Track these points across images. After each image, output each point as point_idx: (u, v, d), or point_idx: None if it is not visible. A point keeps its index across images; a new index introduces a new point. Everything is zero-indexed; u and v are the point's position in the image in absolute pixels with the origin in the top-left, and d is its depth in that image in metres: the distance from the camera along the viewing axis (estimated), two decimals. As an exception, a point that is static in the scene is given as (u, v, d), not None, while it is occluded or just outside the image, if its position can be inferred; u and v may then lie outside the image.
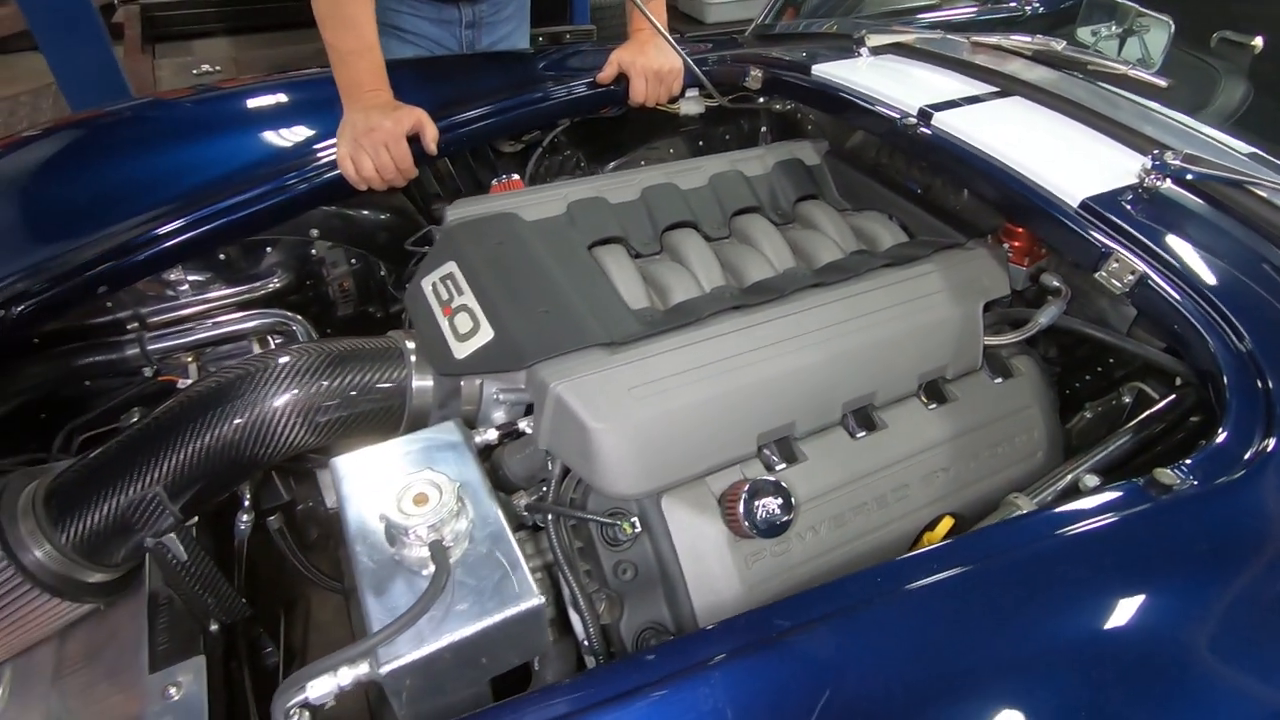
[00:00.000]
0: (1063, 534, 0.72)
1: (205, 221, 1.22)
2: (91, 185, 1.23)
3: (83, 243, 1.15)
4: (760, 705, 0.61)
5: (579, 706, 0.60)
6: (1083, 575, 0.69)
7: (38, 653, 0.96)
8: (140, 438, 0.89)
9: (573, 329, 0.93)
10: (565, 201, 1.19)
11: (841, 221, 1.26)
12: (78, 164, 1.26)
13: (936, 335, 1.04)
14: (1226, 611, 0.67)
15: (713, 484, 0.90)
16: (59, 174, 1.25)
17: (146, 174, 1.28)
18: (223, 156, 1.34)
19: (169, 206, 1.21)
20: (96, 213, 1.19)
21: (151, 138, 1.39)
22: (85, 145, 1.32)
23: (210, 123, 1.45)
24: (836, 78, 1.32)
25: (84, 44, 2.81)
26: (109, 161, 1.27)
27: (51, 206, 1.20)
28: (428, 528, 0.75)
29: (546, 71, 1.68)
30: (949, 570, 0.69)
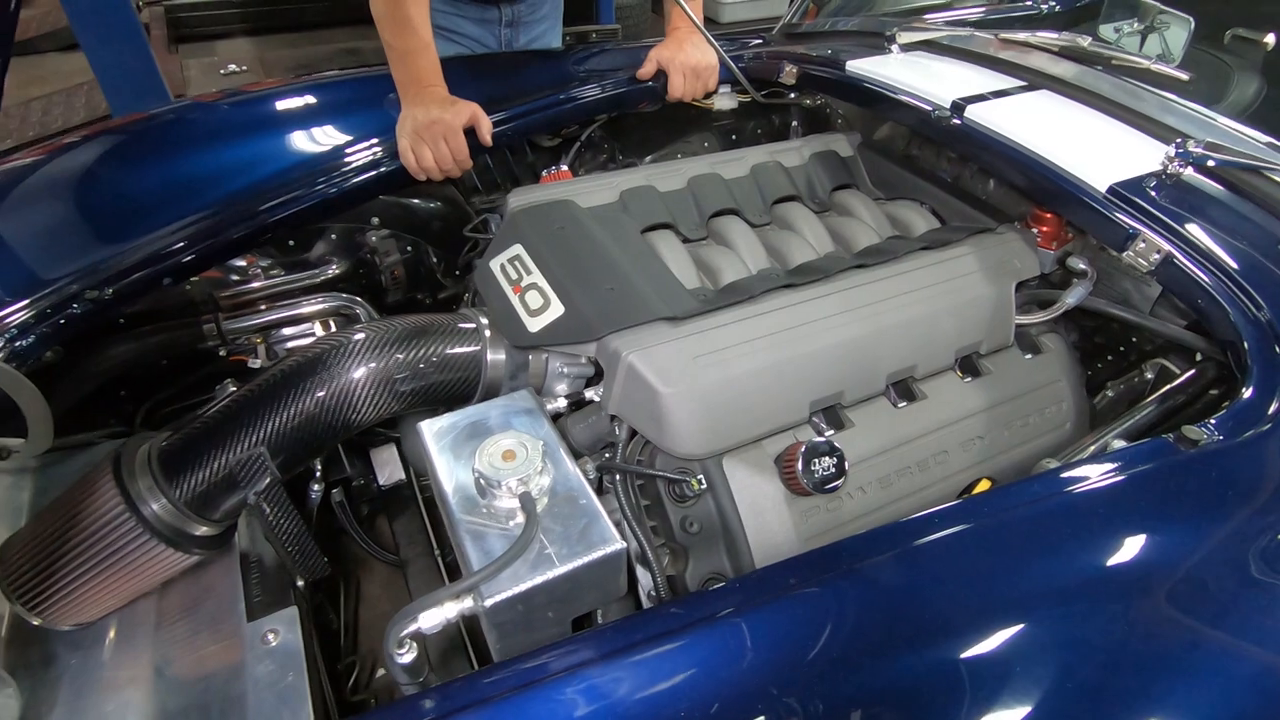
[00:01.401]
0: (1093, 485, 0.79)
1: (275, 210, 1.30)
2: (165, 179, 1.32)
3: (163, 232, 1.22)
4: (813, 632, 0.67)
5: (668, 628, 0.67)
6: (1114, 520, 0.76)
7: (139, 606, 1.04)
8: (243, 405, 0.97)
9: (637, 304, 1.00)
10: (617, 190, 1.27)
11: (876, 209, 1.33)
12: (151, 159, 1.35)
13: (971, 313, 1.11)
14: (1260, 549, 0.73)
15: (769, 447, 0.97)
16: (136, 168, 1.34)
17: (217, 168, 1.36)
18: (286, 152, 1.42)
19: (238, 198, 1.29)
20: (172, 205, 1.27)
21: (216, 135, 1.47)
22: (156, 142, 1.40)
23: (269, 121, 1.53)
24: (870, 73, 1.40)
25: (123, 44, 2.90)
26: (181, 157, 1.36)
27: (133, 198, 1.28)
28: (518, 480, 0.83)
29: (584, 69, 1.76)
30: (987, 517, 0.76)
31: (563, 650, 0.67)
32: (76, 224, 1.24)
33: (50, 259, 1.18)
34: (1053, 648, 0.67)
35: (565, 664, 0.65)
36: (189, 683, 0.95)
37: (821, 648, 0.65)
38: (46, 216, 1.23)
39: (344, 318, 1.42)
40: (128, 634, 1.02)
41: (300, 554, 1.05)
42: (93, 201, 1.27)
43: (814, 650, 0.65)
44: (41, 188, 1.28)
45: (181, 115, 1.47)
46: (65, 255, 1.18)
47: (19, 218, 1.25)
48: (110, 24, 2.85)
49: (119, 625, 1.03)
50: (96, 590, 0.92)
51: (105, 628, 1.02)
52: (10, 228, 1.23)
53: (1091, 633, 0.69)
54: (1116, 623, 0.68)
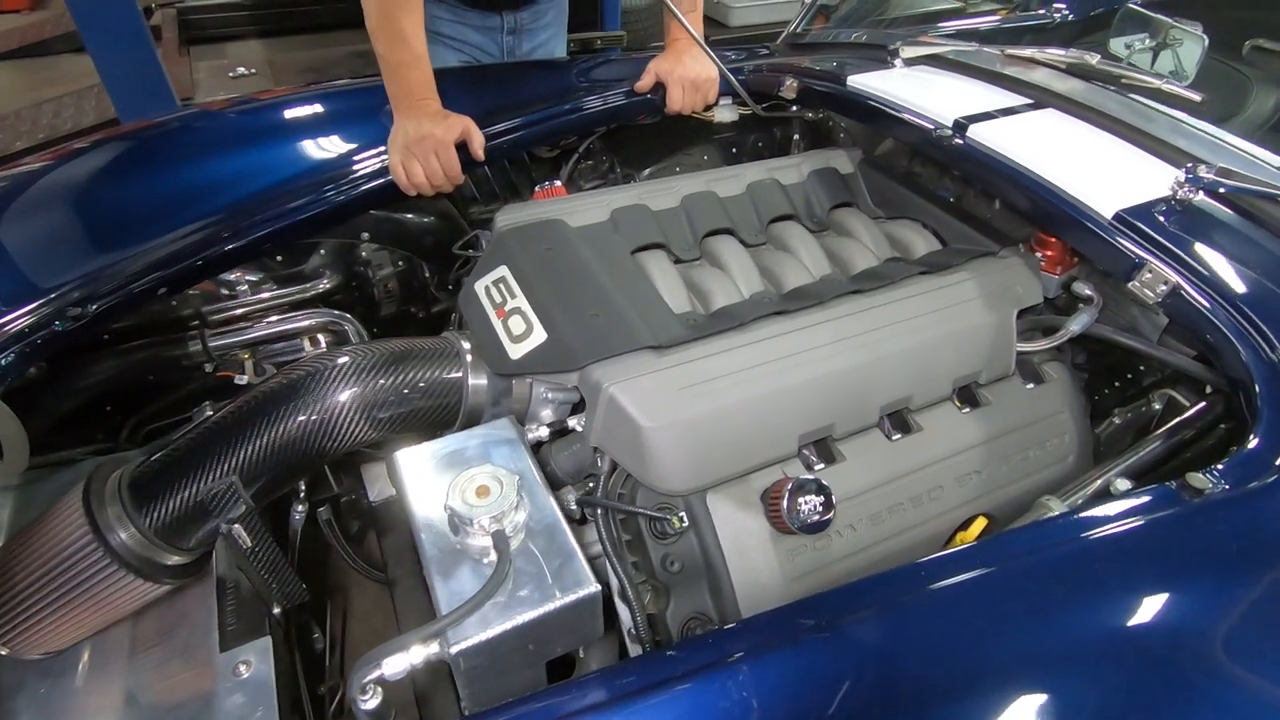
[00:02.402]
0: (1096, 535, 0.75)
1: (264, 225, 1.28)
2: (156, 191, 1.30)
3: (152, 246, 1.21)
4: (806, 692, 0.64)
5: (635, 688, 0.65)
6: (1115, 574, 0.72)
7: (114, 632, 1.02)
8: (216, 431, 0.95)
9: (622, 332, 0.97)
10: (609, 208, 1.24)
11: (876, 229, 1.29)
12: (144, 171, 1.33)
13: (971, 341, 1.07)
14: (1257, 612, 0.70)
15: (755, 482, 0.94)
16: (127, 180, 1.32)
17: (210, 180, 1.34)
18: (279, 164, 1.40)
19: (229, 212, 1.27)
20: (163, 218, 1.26)
21: (212, 146, 1.45)
22: (151, 153, 1.39)
23: (264, 132, 1.52)
24: (872, 88, 1.36)
25: (129, 48, 2.91)
26: (174, 169, 1.34)
27: (122, 210, 1.27)
28: (490, 518, 0.80)
29: (584, 80, 1.73)
30: (985, 568, 0.73)
31: (538, 705, 0.64)
32: (60, 239, 1.22)
33: (33, 275, 1.17)
34: (1050, 716, 0.63)
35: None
36: (158, 714, 0.93)
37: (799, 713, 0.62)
38: (29, 230, 1.22)
39: (331, 334, 1.40)
40: (101, 661, 1.01)
41: (278, 582, 1.03)
42: (77, 216, 1.26)
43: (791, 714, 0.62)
44: (26, 201, 1.27)
45: (169, 127, 1.46)
46: (47, 271, 1.17)
47: (4, 231, 1.23)
48: (116, 27, 2.85)
49: (92, 651, 1.01)
50: (64, 620, 0.90)
51: (78, 654, 1.00)
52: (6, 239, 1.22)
53: (1089, 698, 0.65)
54: (1116, 691, 0.65)
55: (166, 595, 1.03)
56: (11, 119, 3.92)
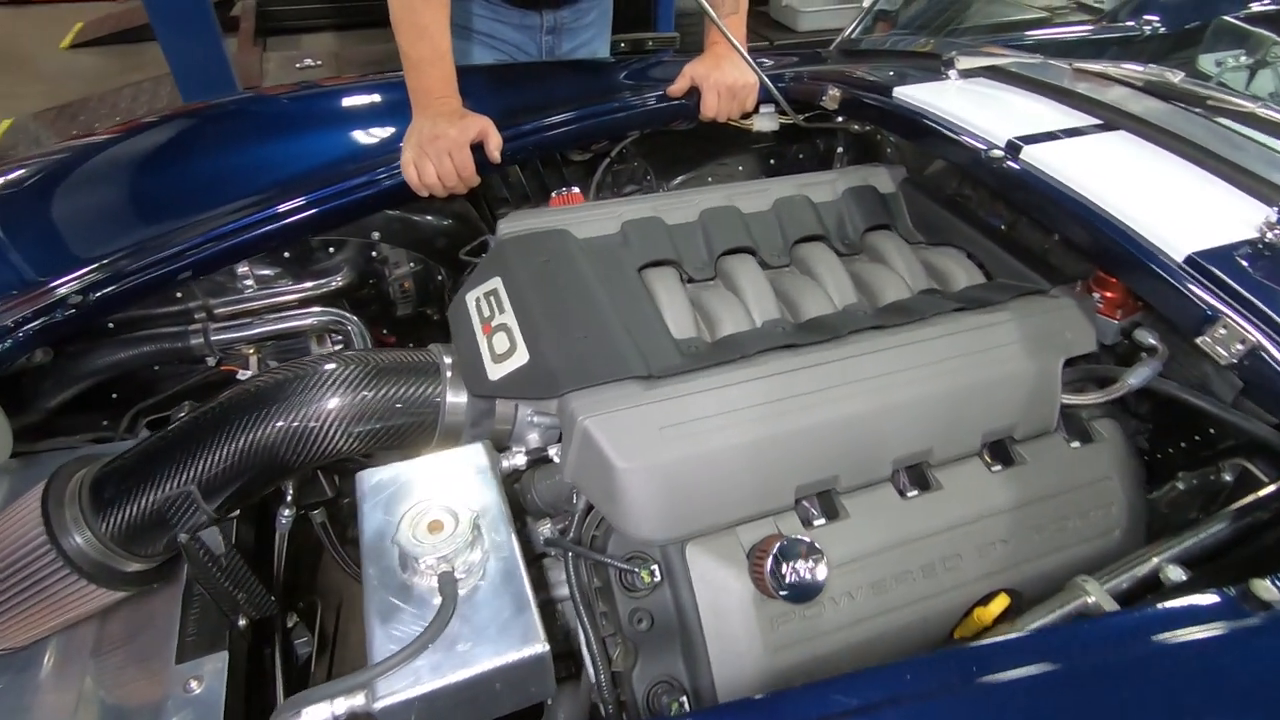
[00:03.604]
0: (1138, 646, 0.63)
1: (274, 220, 1.25)
2: (164, 181, 1.29)
3: (151, 236, 1.19)
4: None
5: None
6: (1159, 700, 0.60)
7: (81, 630, 1.00)
8: (182, 435, 0.91)
9: (610, 358, 0.89)
10: (620, 220, 1.16)
11: (912, 256, 1.17)
12: (155, 161, 1.32)
13: (1006, 390, 0.95)
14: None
15: (743, 535, 0.85)
16: (139, 168, 1.32)
17: (223, 171, 1.33)
18: (298, 156, 1.38)
19: (242, 203, 1.25)
20: (172, 207, 1.25)
21: (232, 136, 1.44)
22: (169, 143, 1.38)
23: (294, 122, 1.50)
24: (919, 101, 1.24)
25: (197, 37, 2.99)
26: (184, 159, 1.33)
27: (133, 198, 1.26)
28: (438, 558, 0.73)
29: (620, 82, 1.66)
30: (1004, 672, 0.62)
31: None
32: (65, 225, 1.22)
33: (37, 261, 1.17)
34: None
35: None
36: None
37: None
38: (37, 216, 1.22)
39: (335, 334, 1.36)
40: (64, 659, 0.98)
41: (245, 592, 0.99)
42: (84, 204, 1.26)
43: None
44: (34, 189, 1.27)
45: (187, 117, 1.45)
46: (51, 258, 1.17)
47: (19, 216, 1.24)
48: (184, 15, 2.94)
49: (57, 648, 0.99)
50: (18, 620, 0.88)
51: (42, 650, 0.98)
52: (10, 225, 1.23)
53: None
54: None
55: (138, 594, 1.00)
56: (94, 102, 4.11)
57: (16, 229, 1.22)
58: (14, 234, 1.21)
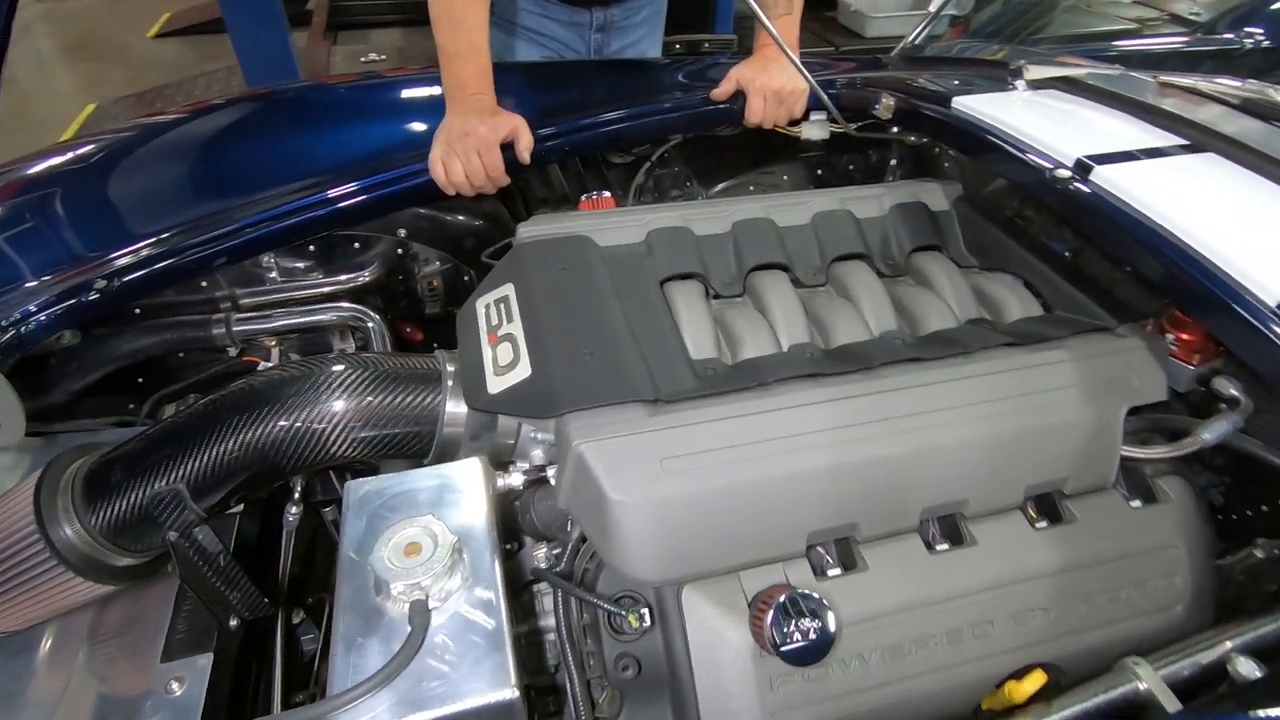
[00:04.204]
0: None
1: (302, 211, 1.23)
2: (192, 169, 1.30)
3: (174, 226, 1.19)
4: None
5: None
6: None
7: (78, 616, 0.99)
8: (176, 431, 0.89)
9: (616, 379, 0.83)
10: (646, 229, 1.10)
11: (962, 281, 1.08)
12: (185, 148, 1.33)
13: (1059, 439, 0.85)
14: None
15: (747, 580, 0.77)
16: (168, 155, 1.32)
17: (252, 161, 1.33)
18: (333, 148, 1.37)
19: (268, 193, 1.24)
20: (201, 195, 1.25)
21: (269, 125, 1.44)
22: (200, 129, 1.38)
23: (337, 112, 1.49)
24: (979, 113, 1.13)
25: (264, 29, 3.06)
26: (216, 147, 1.33)
27: (160, 185, 1.27)
28: (410, 584, 0.69)
29: (666, 84, 1.60)
30: None
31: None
32: (97, 211, 1.23)
33: (66, 245, 1.18)
34: None
35: None
36: (89, 714, 0.89)
37: None
38: (72, 201, 1.24)
39: (352, 330, 1.34)
40: (59, 645, 0.98)
41: (238, 592, 0.97)
42: (116, 191, 1.26)
43: None
44: (84, 170, 1.29)
45: (228, 106, 1.45)
46: (79, 241, 1.17)
47: (64, 195, 1.26)
48: (254, 7, 3.01)
49: (54, 634, 0.98)
50: (8, 606, 0.87)
51: (39, 635, 0.98)
52: (46, 210, 1.24)
53: None
54: None
55: (137, 585, 0.99)
56: (171, 89, 4.28)
57: (62, 207, 1.24)
58: (55, 213, 1.22)
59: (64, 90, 5.04)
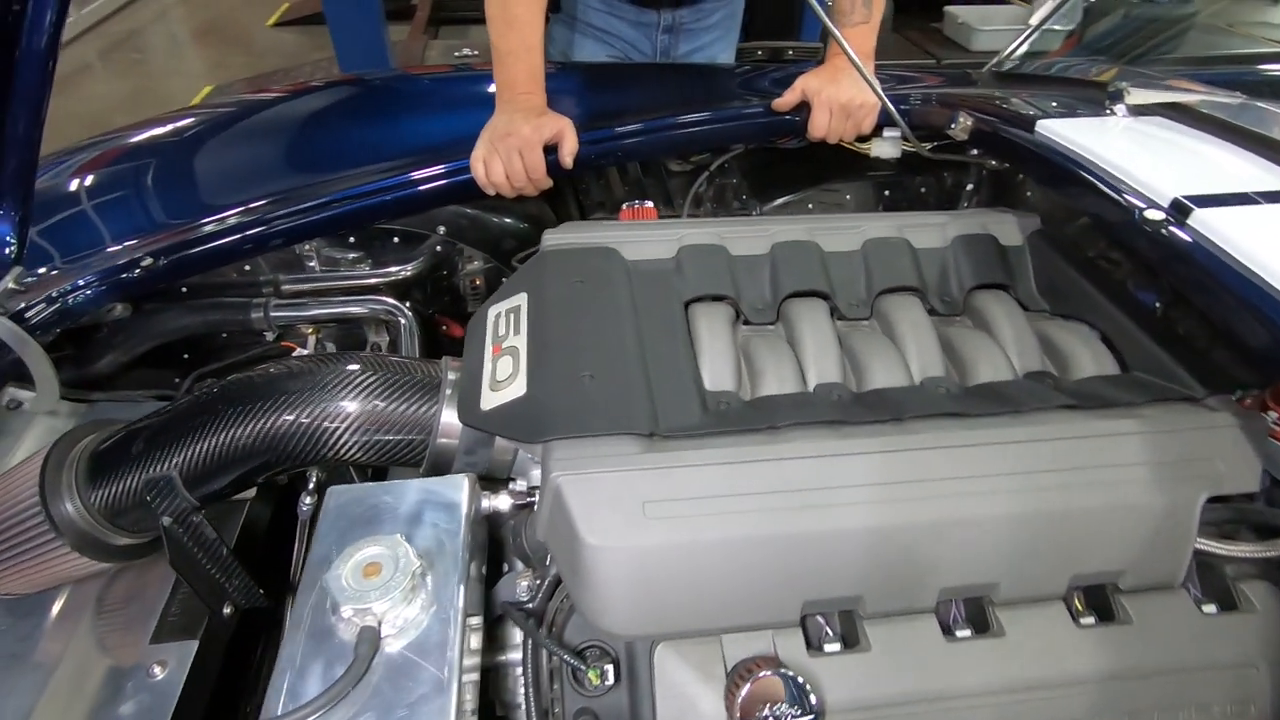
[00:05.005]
0: None
1: (342, 203, 1.24)
2: (248, 155, 1.31)
3: (227, 205, 1.21)
4: None
5: None
6: None
7: (89, 584, 1.02)
8: (177, 418, 0.89)
9: (612, 406, 0.77)
10: (678, 244, 1.03)
11: (1026, 328, 0.95)
12: (243, 136, 1.35)
13: (1117, 524, 0.73)
14: None
15: (729, 645, 0.70)
16: (228, 141, 1.35)
17: (307, 150, 1.34)
18: (383, 141, 1.37)
19: (315, 183, 1.25)
20: (245, 181, 1.27)
21: (331, 116, 1.46)
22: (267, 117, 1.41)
23: (398, 104, 1.50)
24: (1065, 139, 1.01)
25: (362, 21, 3.16)
26: (270, 136, 1.35)
27: (216, 168, 1.30)
28: (360, 609, 0.65)
29: (730, 91, 1.53)
30: None
31: None
32: (157, 190, 1.27)
33: (123, 221, 1.22)
34: None
35: None
36: (73, 688, 0.90)
37: None
38: (128, 180, 1.28)
39: (384, 323, 1.34)
40: (66, 613, 1.00)
41: (235, 581, 0.97)
42: (179, 170, 1.30)
43: None
44: (137, 153, 1.34)
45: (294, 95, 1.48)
46: (136, 221, 1.21)
47: (110, 178, 1.31)
48: (354, 1, 3.11)
49: (63, 600, 1.01)
50: (13, 572, 0.90)
51: (50, 599, 1.00)
52: (105, 185, 1.30)
53: None
54: None
55: (144, 560, 1.01)
56: (278, 75, 4.52)
57: (119, 186, 1.29)
58: (110, 188, 1.27)
59: (189, 72, 5.42)
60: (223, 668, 0.96)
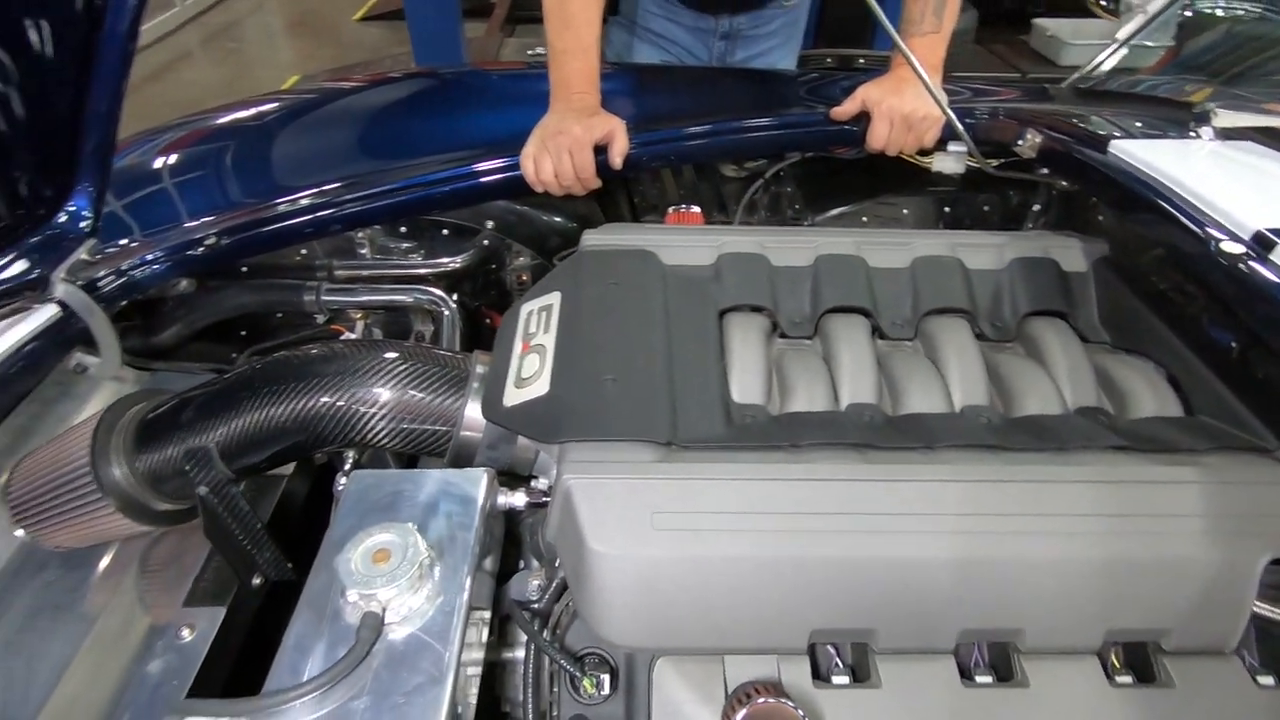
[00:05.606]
0: None
1: (395, 193, 1.27)
2: (310, 143, 1.36)
3: (287, 190, 1.26)
4: None
5: None
6: None
7: (136, 542, 1.07)
8: (218, 393, 0.93)
9: (631, 412, 0.76)
10: (718, 251, 1.01)
11: (1083, 360, 0.90)
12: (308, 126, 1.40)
13: (1164, 579, 0.68)
14: None
15: (732, 666, 0.68)
16: (295, 130, 1.40)
17: (366, 140, 1.38)
18: (441, 134, 1.40)
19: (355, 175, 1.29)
20: (302, 169, 1.31)
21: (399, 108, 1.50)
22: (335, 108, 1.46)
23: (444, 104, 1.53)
24: (1140, 162, 0.94)
25: (439, 17, 3.24)
26: (331, 127, 1.39)
27: (278, 155, 1.35)
28: (365, 594, 0.66)
29: (786, 97, 1.50)
30: None
31: None
32: (232, 171, 1.33)
33: (199, 199, 1.28)
34: None
35: None
36: (108, 643, 0.94)
37: None
38: (198, 163, 1.34)
39: (429, 313, 1.36)
40: (112, 569, 1.05)
41: (267, 552, 1.00)
42: (254, 153, 1.36)
43: None
44: (215, 135, 1.40)
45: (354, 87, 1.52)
46: (209, 199, 1.27)
47: (193, 158, 1.38)
48: (433, 2, 3.20)
49: (111, 558, 1.06)
50: (63, 528, 0.95)
51: (99, 554, 1.06)
52: (183, 166, 1.36)
53: None
54: None
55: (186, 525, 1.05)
56: (359, 68, 4.69)
57: (192, 167, 1.35)
58: (182, 169, 1.34)
59: (280, 62, 5.68)
60: (247, 637, 1.00)
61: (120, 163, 1.35)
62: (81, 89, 0.97)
